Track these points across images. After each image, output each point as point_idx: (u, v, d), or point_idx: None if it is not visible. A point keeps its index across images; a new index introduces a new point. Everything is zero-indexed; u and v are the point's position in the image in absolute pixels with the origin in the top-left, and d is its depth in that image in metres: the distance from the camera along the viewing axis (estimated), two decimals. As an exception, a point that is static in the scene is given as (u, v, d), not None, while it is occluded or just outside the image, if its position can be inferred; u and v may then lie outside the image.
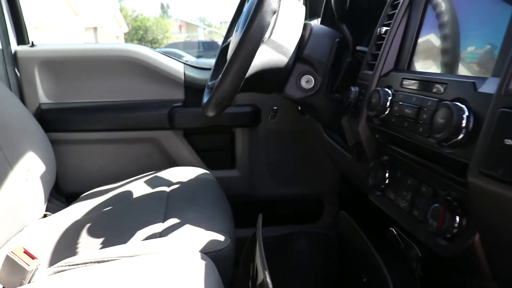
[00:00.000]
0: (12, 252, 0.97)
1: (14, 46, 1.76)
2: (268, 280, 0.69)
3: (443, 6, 0.79)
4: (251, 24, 0.97)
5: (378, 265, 0.81)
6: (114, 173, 1.75)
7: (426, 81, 0.69)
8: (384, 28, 0.91)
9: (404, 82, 0.76)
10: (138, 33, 30.73)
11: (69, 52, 1.79)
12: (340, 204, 1.91)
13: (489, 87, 0.56)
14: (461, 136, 0.57)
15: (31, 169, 1.47)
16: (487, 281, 0.60)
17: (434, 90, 0.66)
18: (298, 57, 1.16)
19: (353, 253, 0.97)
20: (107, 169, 1.79)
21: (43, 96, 1.78)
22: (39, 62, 1.75)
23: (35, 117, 1.62)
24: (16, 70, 1.75)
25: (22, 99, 1.73)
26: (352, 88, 0.97)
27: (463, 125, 0.56)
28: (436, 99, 0.64)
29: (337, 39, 1.18)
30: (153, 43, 30.36)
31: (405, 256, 0.80)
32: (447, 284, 0.76)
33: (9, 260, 0.97)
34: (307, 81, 1.16)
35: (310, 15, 1.78)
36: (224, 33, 1.47)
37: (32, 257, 1.00)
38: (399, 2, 0.90)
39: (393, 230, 0.80)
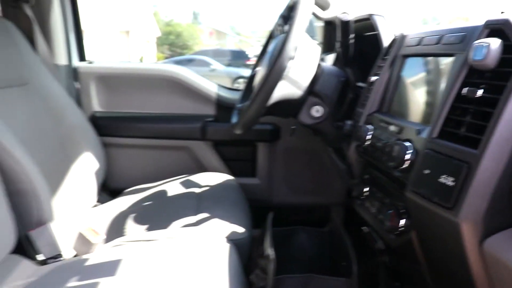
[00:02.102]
0: (84, 229, 1.29)
1: (75, 62, 2.10)
2: (271, 252, 0.98)
3: (415, 68, 1.07)
4: (273, 67, 1.27)
5: (349, 254, 1.09)
6: (152, 174, 2.05)
7: (391, 124, 0.98)
8: (374, 78, 1.20)
9: (380, 123, 1.05)
10: (169, 38, 31.28)
11: (120, 69, 2.12)
12: (345, 214, 2.17)
13: (427, 133, 0.85)
14: (405, 165, 0.85)
15: (86, 166, 1.79)
16: (422, 265, 0.88)
17: (396, 131, 0.95)
18: (310, 91, 1.44)
19: (338, 245, 1.25)
20: (147, 170, 2.10)
21: (97, 105, 2.11)
22: (95, 76, 2.09)
23: (90, 122, 1.94)
24: (76, 83, 2.08)
25: (80, 107, 2.06)
26: (348, 122, 1.25)
27: (406, 158, 0.85)
28: (395, 138, 0.93)
29: (342, 79, 1.46)
30: (183, 49, 30.84)
31: (373, 250, 1.08)
32: (400, 269, 1.03)
33: (81, 236, 1.29)
34: (317, 111, 1.45)
35: (328, 49, 2.05)
36: (253, 42, 1.76)
37: (98, 233, 1.31)
38: (387, 58, 1.18)
39: (365, 228, 1.08)
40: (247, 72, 2.17)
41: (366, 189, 1.09)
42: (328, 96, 1.44)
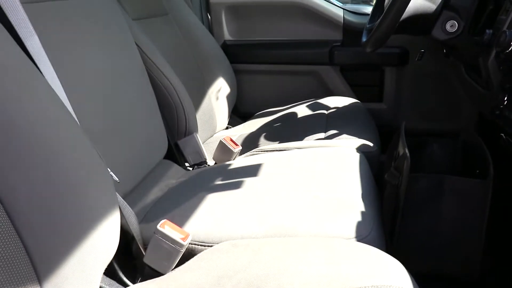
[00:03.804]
0: (224, 139, 1.41)
1: (207, -6, 2.21)
2: (406, 150, 1.01)
3: None
4: None
5: (486, 159, 1.08)
6: (280, 98, 2.12)
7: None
8: (523, -20, 1.12)
9: (528, 26, 1.00)
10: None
11: None
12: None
13: None
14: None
15: (220, 90, 1.92)
16: None
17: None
18: (445, 4, 1.39)
19: (471, 154, 1.25)
20: (275, 95, 2.19)
21: (227, 34, 2.22)
22: (225, 7, 2.18)
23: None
24: (208, 13, 2.20)
25: (212, 36, 2.18)
26: (487, 30, 1.20)
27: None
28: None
29: (482, -11, 1.38)
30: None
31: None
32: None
33: (221, 145, 1.42)
34: (451, 25, 1.39)
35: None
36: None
37: (236, 144, 1.43)
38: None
39: (503, 135, 1.06)
40: (368, 9, 2.13)
41: (505, 97, 1.06)
42: (465, 8, 1.38)
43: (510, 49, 1.02)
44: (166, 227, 0.89)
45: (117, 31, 1.27)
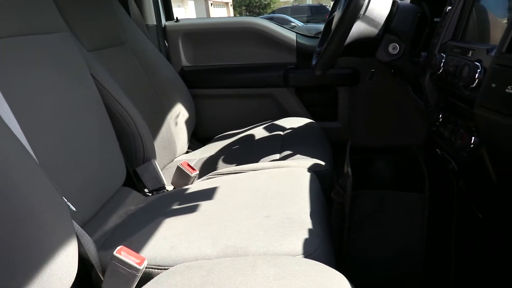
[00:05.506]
0: (181, 164, 1.45)
1: (163, 22, 2.26)
2: (349, 169, 1.08)
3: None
4: (348, 6, 1.33)
5: (422, 171, 1.16)
6: (238, 121, 2.18)
7: (463, 48, 1.02)
8: (448, 7, 1.22)
9: (453, 49, 1.09)
10: (246, -2, 31.17)
11: (205, 25, 2.26)
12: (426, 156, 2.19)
13: (496, 50, 0.88)
14: (475, 83, 0.90)
15: (179, 116, 1.96)
16: (493, 183, 0.93)
17: (467, 54, 0.99)
18: (386, 28, 1.48)
19: (413, 169, 1.33)
20: (233, 118, 2.25)
21: (184, 60, 2.27)
22: (182, 33, 2.24)
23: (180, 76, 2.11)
24: (165, 40, 2.25)
25: (170, 63, 2.23)
26: (422, 53, 1.29)
27: (476, 76, 0.89)
28: (466, 60, 0.97)
29: (419, 14, 1.48)
30: (260, 9, 30.71)
31: (447, 172, 1.14)
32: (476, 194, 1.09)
33: (179, 170, 1.45)
34: (393, 48, 1.49)
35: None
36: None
37: (193, 169, 1.47)
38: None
39: (438, 150, 1.14)
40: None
41: (440, 115, 1.14)
42: (404, 32, 1.47)
43: (440, 70, 1.11)
44: (122, 253, 0.92)
45: (72, 64, 1.30)
